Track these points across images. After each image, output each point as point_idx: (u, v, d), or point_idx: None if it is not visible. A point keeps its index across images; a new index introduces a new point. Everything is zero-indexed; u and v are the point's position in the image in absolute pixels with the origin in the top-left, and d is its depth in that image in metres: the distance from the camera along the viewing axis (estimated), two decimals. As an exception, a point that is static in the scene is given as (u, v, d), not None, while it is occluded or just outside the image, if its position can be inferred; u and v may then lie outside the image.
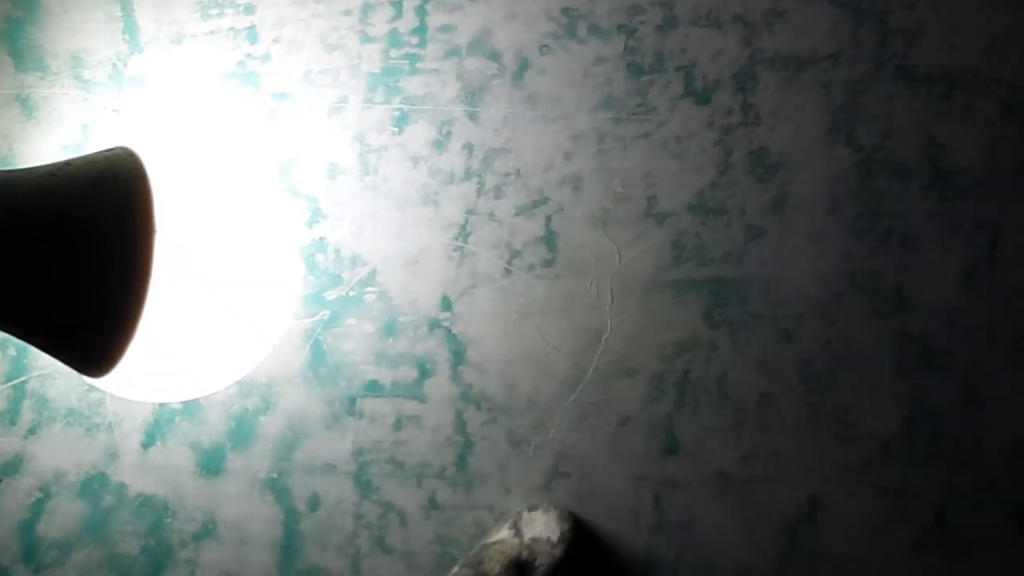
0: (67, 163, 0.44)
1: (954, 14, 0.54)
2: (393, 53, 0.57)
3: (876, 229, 0.55)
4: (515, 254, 0.56)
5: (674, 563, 0.57)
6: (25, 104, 0.59)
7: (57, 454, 0.59)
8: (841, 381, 0.56)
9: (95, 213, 0.42)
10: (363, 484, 0.58)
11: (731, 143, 0.55)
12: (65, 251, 0.42)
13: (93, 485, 0.59)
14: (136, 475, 0.59)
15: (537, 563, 0.49)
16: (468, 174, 0.57)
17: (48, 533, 0.59)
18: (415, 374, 0.57)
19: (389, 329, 0.57)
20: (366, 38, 0.57)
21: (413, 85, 0.57)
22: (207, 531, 0.58)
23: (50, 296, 0.42)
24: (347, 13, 0.57)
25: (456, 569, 0.49)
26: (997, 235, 0.55)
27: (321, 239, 0.57)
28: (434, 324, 0.57)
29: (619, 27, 0.55)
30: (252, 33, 0.58)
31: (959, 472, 0.56)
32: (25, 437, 0.60)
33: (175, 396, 0.55)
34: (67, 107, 0.59)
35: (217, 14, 0.58)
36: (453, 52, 0.56)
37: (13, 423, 0.60)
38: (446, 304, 0.57)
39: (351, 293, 0.57)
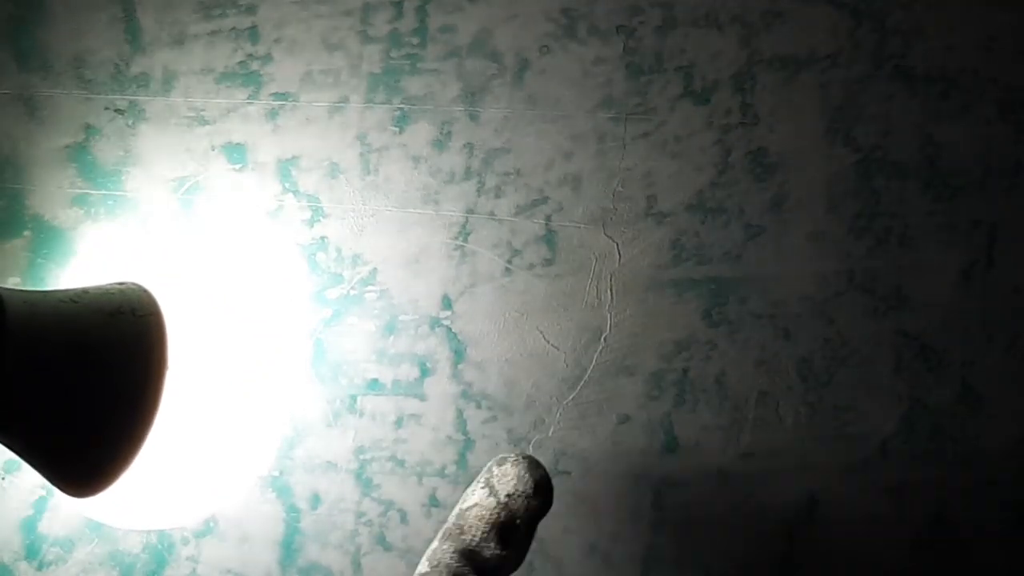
0: (84, 291, 0.46)
1: (952, 15, 0.55)
2: (394, 53, 0.57)
3: (874, 228, 0.55)
4: (515, 253, 0.57)
5: (673, 561, 0.58)
6: (28, 104, 0.59)
7: (59, 452, 0.59)
8: (839, 379, 0.56)
9: (112, 344, 0.44)
10: (364, 482, 0.58)
11: (730, 143, 0.56)
12: (81, 377, 0.43)
13: (95, 483, 0.59)
14: (138, 473, 0.59)
15: (518, 520, 0.47)
16: (468, 174, 0.57)
17: (50, 530, 0.59)
18: (416, 372, 0.57)
19: (390, 328, 0.57)
20: (367, 38, 0.57)
21: (414, 85, 0.57)
22: (208, 528, 0.59)
23: (59, 418, 0.43)
24: (348, 13, 0.57)
25: (436, 544, 0.47)
26: (995, 234, 0.55)
27: (322, 238, 0.58)
28: (435, 323, 0.57)
29: (619, 27, 0.56)
30: (254, 33, 0.58)
31: (957, 470, 0.56)
32: (28, 435, 0.61)
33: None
34: (70, 107, 0.59)
35: (219, 14, 0.58)
36: (453, 52, 0.56)
37: (16, 421, 0.61)
38: (446, 303, 0.57)
39: (352, 292, 0.58)
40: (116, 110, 0.59)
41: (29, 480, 0.59)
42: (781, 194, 0.56)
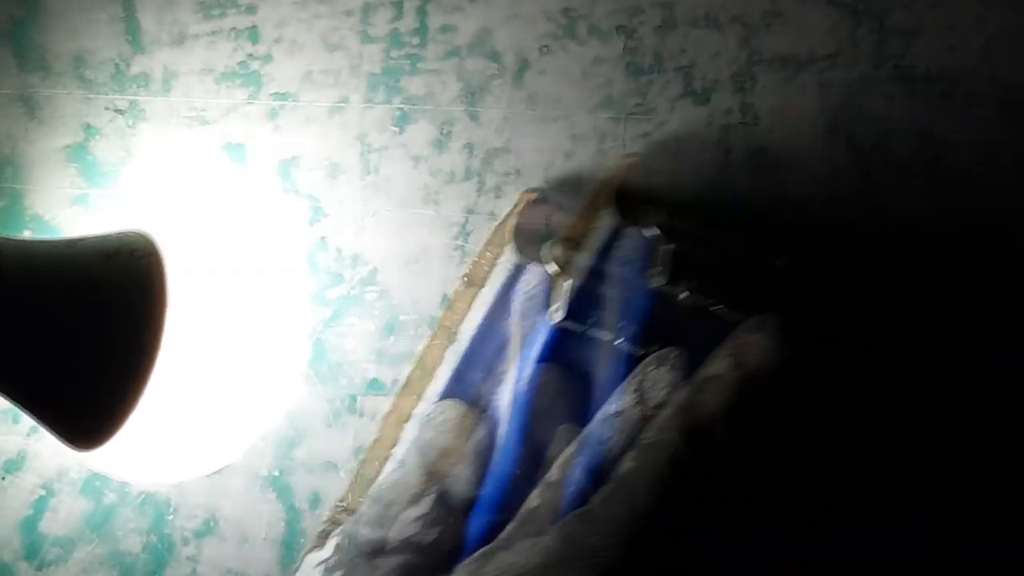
0: (81, 238, 0.45)
1: (952, 14, 0.55)
2: (394, 53, 0.57)
3: (874, 229, 0.55)
4: (515, 253, 0.57)
5: (673, 561, 0.58)
6: (28, 104, 0.59)
7: (60, 452, 0.59)
8: (839, 380, 0.56)
9: (110, 284, 0.43)
10: (364, 482, 0.58)
11: (730, 143, 0.56)
12: (79, 319, 0.42)
13: (95, 483, 0.59)
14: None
15: (756, 402, 0.36)
16: (468, 174, 0.57)
17: (51, 530, 0.59)
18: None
19: (390, 328, 0.57)
20: (367, 38, 0.57)
21: (414, 85, 0.57)
22: (208, 528, 0.59)
23: (58, 362, 0.42)
24: (348, 14, 0.57)
25: (665, 416, 0.37)
26: (995, 235, 0.55)
27: (322, 238, 0.58)
28: (435, 323, 0.57)
29: (618, 27, 0.56)
30: (254, 33, 0.58)
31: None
32: (28, 435, 0.61)
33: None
34: (70, 107, 0.59)
35: (219, 14, 0.58)
36: (453, 52, 0.56)
37: (16, 421, 0.61)
38: (447, 303, 0.57)
39: (352, 292, 0.58)
40: (116, 110, 0.59)
41: (29, 480, 0.59)
42: (781, 194, 0.56)
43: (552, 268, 0.46)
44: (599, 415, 0.40)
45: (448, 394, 0.51)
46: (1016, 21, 0.55)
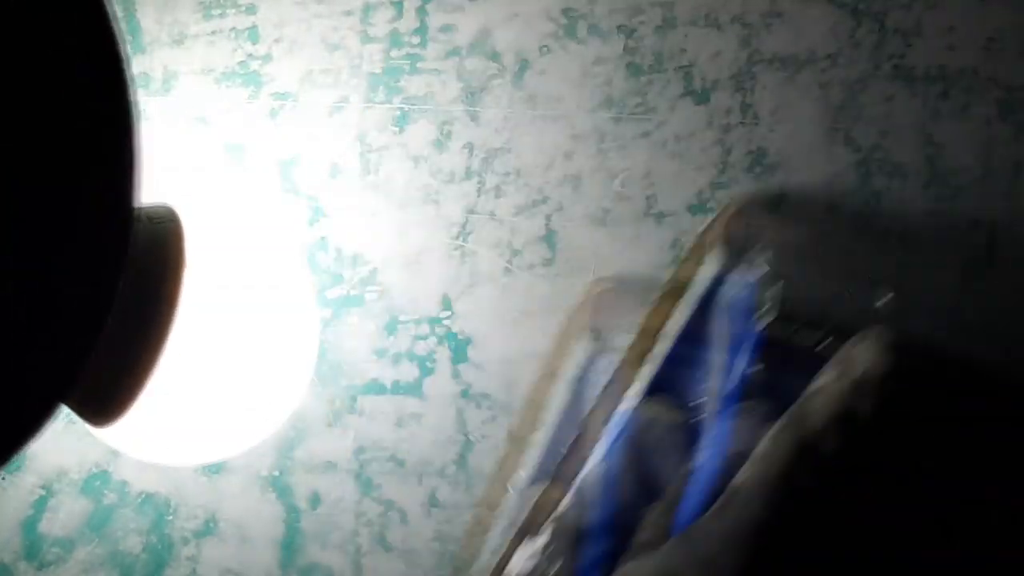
0: None
1: (952, 14, 0.55)
2: (394, 53, 0.57)
3: (874, 228, 0.55)
4: (515, 253, 0.57)
5: (673, 560, 0.58)
6: (28, 104, 0.59)
7: (59, 452, 0.59)
8: (839, 379, 0.56)
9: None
10: (364, 482, 0.58)
11: (730, 143, 0.56)
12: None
13: (95, 483, 0.59)
14: (138, 473, 0.59)
15: (860, 412, 0.38)
16: (468, 173, 0.57)
17: (50, 530, 0.59)
18: (416, 372, 0.57)
19: (390, 328, 0.57)
20: (367, 38, 0.57)
21: (414, 85, 0.57)
22: (208, 529, 0.59)
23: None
24: (348, 13, 0.57)
25: (774, 430, 0.39)
26: (995, 234, 0.55)
27: (322, 238, 0.58)
28: (435, 323, 0.57)
29: (619, 27, 0.56)
30: (254, 33, 0.58)
31: (957, 470, 0.56)
32: (28, 435, 0.60)
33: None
34: (70, 107, 0.59)
35: (219, 14, 0.58)
36: (454, 52, 0.56)
37: (16, 421, 0.61)
38: (447, 303, 0.57)
39: (352, 292, 0.58)
40: (116, 110, 0.59)
41: (29, 480, 0.59)
42: (781, 194, 0.56)
43: (759, 273, 0.47)
44: (801, 397, 0.41)
45: (657, 388, 0.51)
46: (1016, 21, 0.55)
